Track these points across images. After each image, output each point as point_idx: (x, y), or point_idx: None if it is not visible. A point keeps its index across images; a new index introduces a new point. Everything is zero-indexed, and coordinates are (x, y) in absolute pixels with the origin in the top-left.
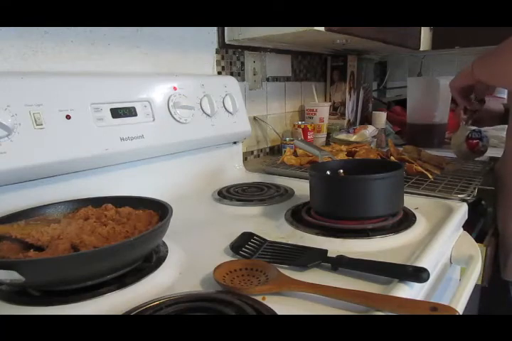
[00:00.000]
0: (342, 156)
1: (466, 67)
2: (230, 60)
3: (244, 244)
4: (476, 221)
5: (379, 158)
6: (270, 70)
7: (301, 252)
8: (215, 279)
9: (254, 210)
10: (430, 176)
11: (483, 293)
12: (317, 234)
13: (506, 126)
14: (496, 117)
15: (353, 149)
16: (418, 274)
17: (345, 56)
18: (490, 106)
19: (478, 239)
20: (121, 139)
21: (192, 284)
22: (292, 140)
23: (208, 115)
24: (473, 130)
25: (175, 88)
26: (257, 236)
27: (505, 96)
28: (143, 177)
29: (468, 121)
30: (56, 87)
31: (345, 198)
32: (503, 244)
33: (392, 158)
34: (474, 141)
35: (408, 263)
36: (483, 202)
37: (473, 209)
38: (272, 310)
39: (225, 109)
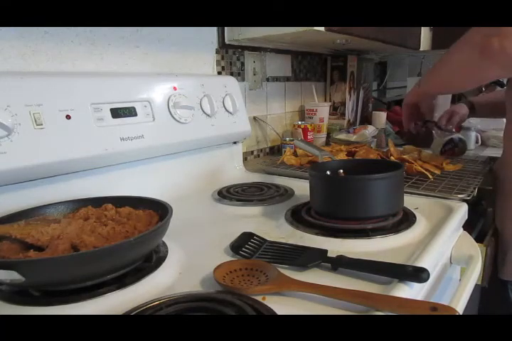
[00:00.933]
0: (342, 156)
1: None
2: (230, 60)
3: (244, 244)
4: (476, 221)
5: (379, 158)
6: (270, 70)
7: (301, 252)
8: (215, 279)
9: (254, 210)
10: (430, 176)
11: (483, 293)
12: (317, 234)
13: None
14: (463, 119)
15: (353, 149)
16: (418, 274)
17: (345, 56)
18: (456, 109)
19: (478, 239)
20: (121, 139)
21: (192, 284)
22: (292, 140)
23: (208, 115)
24: (447, 142)
25: (175, 88)
26: (257, 236)
27: None
28: (143, 177)
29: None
30: (56, 87)
31: (345, 198)
32: (501, 244)
33: (392, 158)
34: (449, 151)
35: (408, 263)
36: (483, 202)
37: (473, 209)
38: (271, 310)
39: (225, 109)
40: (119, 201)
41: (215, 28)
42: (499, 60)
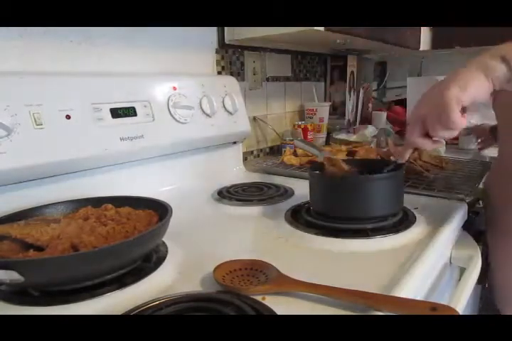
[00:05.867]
0: (342, 156)
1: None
2: (230, 60)
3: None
4: (472, 220)
5: (379, 158)
6: (270, 70)
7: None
8: (215, 279)
9: (254, 210)
10: (430, 176)
11: (483, 292)
12: (317, 234)
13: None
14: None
15: (353, 149)
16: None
17: (345, 56)
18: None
19: (474, 238)
20: (121, 139)
21: (192, 284)
22: (292, 140)
23: (208, 115)
24: None
25: (175, 88)
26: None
27: None
28: (143, 177)
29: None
30: (56, 87)
31: (345, 198)
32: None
33: (392, 158)
34: None
35: (408, 263)
36: (479, 202)
37: (470, 208)
38: (271, 310)
39: (225, 109)
40: (119, 201)
41: (215, 28)
42: None
